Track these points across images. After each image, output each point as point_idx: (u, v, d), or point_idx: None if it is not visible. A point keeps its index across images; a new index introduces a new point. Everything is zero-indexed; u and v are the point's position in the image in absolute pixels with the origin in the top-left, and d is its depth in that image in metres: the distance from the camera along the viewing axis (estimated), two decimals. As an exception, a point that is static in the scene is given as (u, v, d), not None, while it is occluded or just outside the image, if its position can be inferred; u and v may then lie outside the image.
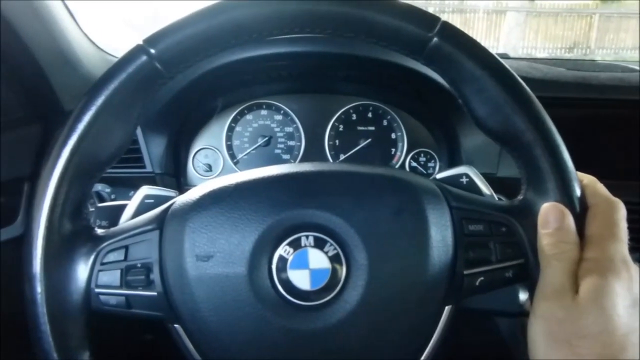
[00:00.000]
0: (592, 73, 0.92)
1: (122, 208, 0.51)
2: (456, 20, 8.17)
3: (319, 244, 0.42)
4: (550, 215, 0.41)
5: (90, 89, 0.42)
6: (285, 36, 0.42)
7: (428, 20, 0.41)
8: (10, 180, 0.80)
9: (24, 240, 0.42)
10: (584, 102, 0.87)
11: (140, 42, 0.41)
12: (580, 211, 0.42)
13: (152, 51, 0.41)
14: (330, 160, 1.01)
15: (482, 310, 0.71)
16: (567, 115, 0.72)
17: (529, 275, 0.44)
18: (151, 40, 0.41)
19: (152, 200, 0.50)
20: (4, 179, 0.78)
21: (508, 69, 0.43)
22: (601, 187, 0.43)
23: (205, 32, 0.41)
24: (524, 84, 0.43)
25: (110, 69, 0.42)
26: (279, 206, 0.43)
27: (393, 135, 1.01)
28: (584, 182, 0.43)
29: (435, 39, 0.41)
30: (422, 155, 1.00)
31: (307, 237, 0.42)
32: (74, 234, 0.44)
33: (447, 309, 0.45)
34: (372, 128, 1.01)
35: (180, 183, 0.99)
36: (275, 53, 0.84)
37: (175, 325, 0.45)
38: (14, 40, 0.72)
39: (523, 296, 0.74)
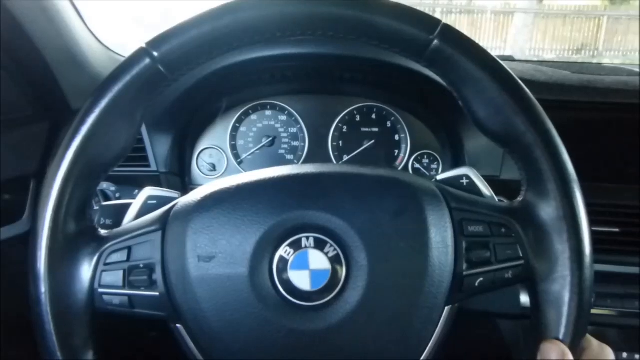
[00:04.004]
0: (598, 76, 0.92)
1: (126, 207, 0.51)
2: (464, 21, 8.15)
3: (319, 245, 0.43)
4: (552, 354, 0.42)
5: (94, 92, 0.43)
6: (290, 38, 0.42)
7: (429, 23, 0.42)
8: (17, 177, 0.80)
9: (29, 240, 0.43)
10: (589, 105, 0.86)
11: (144, 45, 0.42)
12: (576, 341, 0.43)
13: (155, 54, 0.41)
14: (334, 161, 1.01)
15: (483, 312, 0.71)
16: (572, 119, 0.72)
17: (528, 276, 0.44)
18: (154, 43, 0.42)
19: (154, 202, 0.50)
20: (11, 176, 0.79)
21: (508, 70, 0.43)
22: (590, 337, 0.46)
23: (209, 35, 0.41)
24: (523, 85, 0.43)
25: (113, 72, 0.43)
26: (279, 208, 0.44)
27: (397, 137, 1.01)
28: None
29: (435, 41, 0.42)
30: (425, 157, 1.00)
31: (307, 238, 0.43)
32: (78, 234, 0.44)
33: (447, 309, 0.45)
34: (376, 129, 1.01)
35: (185, 182, 0.99)
36: (281, 54, 0.84)
37: (178, 325, 0.45)
38: (23, 39, 0.73)
39: (524, 298, 0.74)
